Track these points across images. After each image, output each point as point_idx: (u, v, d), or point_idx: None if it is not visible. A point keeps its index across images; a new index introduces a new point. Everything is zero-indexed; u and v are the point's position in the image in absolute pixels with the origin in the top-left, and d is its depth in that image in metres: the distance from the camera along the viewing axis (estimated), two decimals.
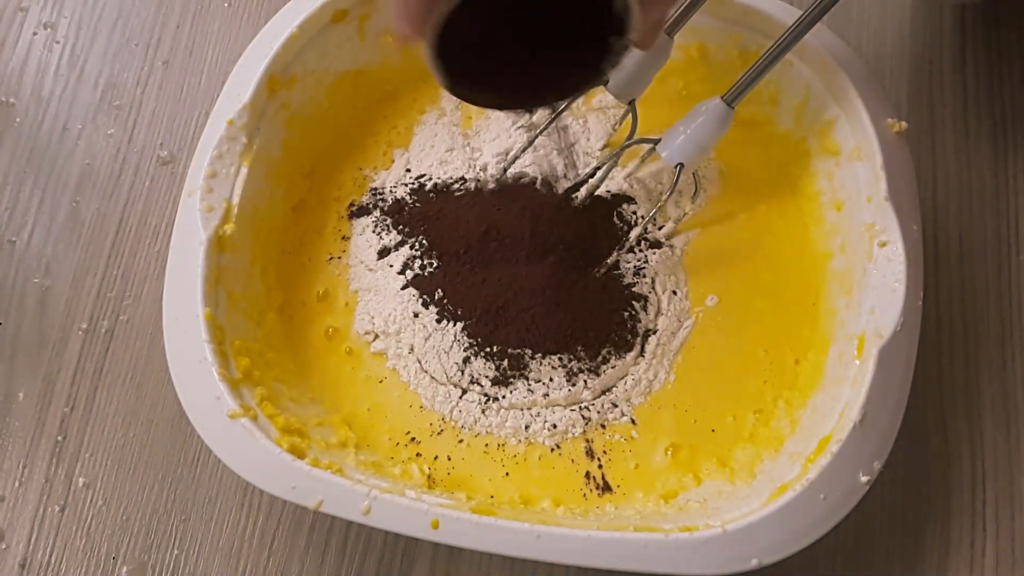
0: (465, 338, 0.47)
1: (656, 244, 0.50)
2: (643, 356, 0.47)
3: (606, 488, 0.44)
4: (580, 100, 0.50)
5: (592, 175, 0.50)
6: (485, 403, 0.46)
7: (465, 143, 0.53)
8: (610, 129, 0.53)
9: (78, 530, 0.47)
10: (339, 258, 0.50)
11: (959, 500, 0.46)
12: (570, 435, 0.46)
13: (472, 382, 0.47)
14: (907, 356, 0.42)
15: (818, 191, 0.50)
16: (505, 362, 0.46)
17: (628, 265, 0.49)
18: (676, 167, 0.46)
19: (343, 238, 0.51)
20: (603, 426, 0.46)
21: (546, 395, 0.46)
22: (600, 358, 0.47)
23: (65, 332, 0.51)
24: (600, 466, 0.45)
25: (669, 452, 0.45)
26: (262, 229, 0.48)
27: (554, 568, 0.44)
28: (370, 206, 0.51)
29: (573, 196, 0.49)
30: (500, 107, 0.38)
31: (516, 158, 0.51)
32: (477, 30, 0.31)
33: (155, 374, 0.50)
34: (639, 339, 0.48)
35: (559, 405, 0.46)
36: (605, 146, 0.52)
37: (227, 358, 0.43)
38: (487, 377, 0.46)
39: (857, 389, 0.41)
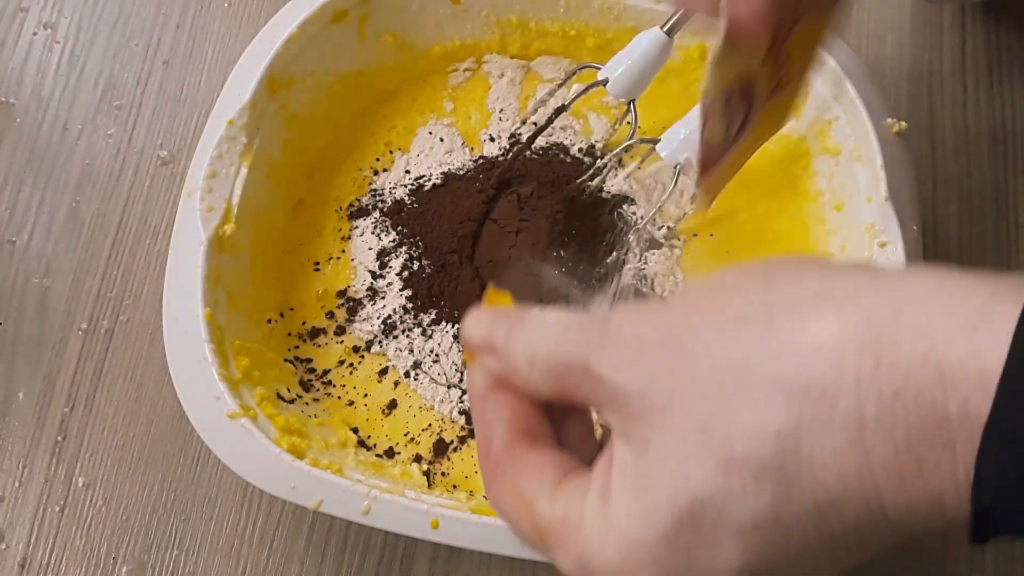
0: None
1: (656, 244, 0.50)
2: None
3: None
4: (580, 100, 0.50)
5: (592, 176, 0.50)
6: None
7: (464, 145, 0.53)
8: (610, 129, 0.53)
9: (78, 530, 0.47)
10: (339, 258, 0.50)
11: None
12: None
13: None
14: None
15: (818, 191, 0.49)
16: None
17: (627, 266, 0.49)
18: (676, 167, 0.46)
19: (343, 238, 0.51)
20: (603, 426, 0.46)
21: None
22: None
23: (65, 332, 0.51)
24: None
25: None
26: (262, 229, 0.48)
27: (554, 568, 0.44)
28: (369, 207, 0.51)
29: (573, 197, 0.49)
30: None
31: (517, 158, 0.51)
32: None
33: (155, 374, 0.50)
34: None
35: None
36: (605, 146, 0.52)
37: (227, 358, 0.43)
38: None
39: None
